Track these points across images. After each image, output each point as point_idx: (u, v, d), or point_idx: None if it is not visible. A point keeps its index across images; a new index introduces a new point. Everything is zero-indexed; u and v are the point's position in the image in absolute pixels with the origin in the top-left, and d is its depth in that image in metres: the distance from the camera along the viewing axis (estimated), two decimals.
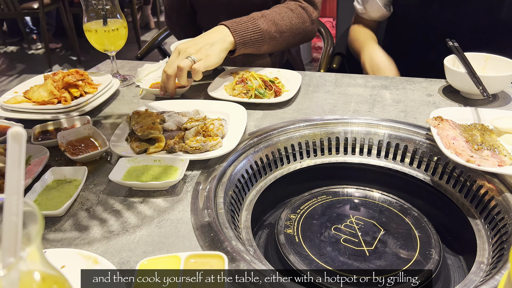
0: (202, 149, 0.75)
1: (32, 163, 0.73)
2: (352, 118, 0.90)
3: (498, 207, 0.68)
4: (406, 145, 0.84)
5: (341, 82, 1.11)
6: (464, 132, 0.78)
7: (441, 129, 0.77)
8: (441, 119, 0.80)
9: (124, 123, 0.87)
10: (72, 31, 3.88)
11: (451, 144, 0.73)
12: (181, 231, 0.60)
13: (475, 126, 0.81)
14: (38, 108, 0.93)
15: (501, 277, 0.52)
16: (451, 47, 1.03)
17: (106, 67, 1.27)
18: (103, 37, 1.06)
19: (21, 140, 0.30)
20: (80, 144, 0.80)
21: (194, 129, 0.80)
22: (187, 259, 0.51)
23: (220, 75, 1.12)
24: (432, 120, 0.81)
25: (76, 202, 0.67)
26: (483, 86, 0.88)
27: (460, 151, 0.71)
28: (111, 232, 0.60)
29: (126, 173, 0.71)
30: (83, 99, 0.96)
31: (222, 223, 0.62)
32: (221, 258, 0.50)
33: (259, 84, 1.00)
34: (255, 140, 0.82)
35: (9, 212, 0.29)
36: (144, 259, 0.50)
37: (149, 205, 0.66)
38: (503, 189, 0.69)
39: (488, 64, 1.03)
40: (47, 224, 0.62)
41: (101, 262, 0.51)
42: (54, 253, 0.53)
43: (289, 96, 0.98)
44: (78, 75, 1.00)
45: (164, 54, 1.65)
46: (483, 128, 0.80)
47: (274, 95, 1.00)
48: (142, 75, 1.13)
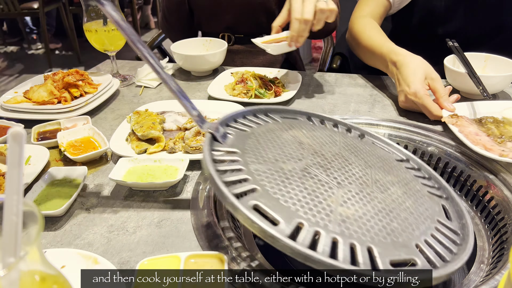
0: (202, 149, 0.75)
1: (32, 163, 0.73)
2: (352, 118, 0.90)
3: (498, 207, 0.68)
4: (406, 145, 0.84)
5: (341, 82, 1.11)
6: (481, 127, 0.77)
7: (462, 126, 0.76)
8: (457, 116, 0.80)
9: (124, 123, 0.87)
10: (72, 31, 3.88)
11: (478, 141, 0.72)
12: (181, 231, 0.60)
13: (487, 119, 0.80)
14: (38, 108, 0.93)
15: (501, 277, 0.52)
16: (451, 47, 1.03)
17: (106, 67, 1.27)
18: (103, 37, 1.06)
19: (21, 140, 0.30)
20: (80, 144, 0.80)
21: (194, 129, 0.80)
22: (187, 259, 0.51)
23: (220, 75, 1.12)
24: (449, 118, 0.80)
25: (76, 202, 0.67)
26: (483, 86, 0.88)
27: (490, 146, 0.70)
28: (111, 232, 0.60)
29: (126, 173, 0.71)
30: (83, 99, 0.96)
31: (222, 223, 0.62)
32: (221, 258, 0.50)
33: (259, 84, 1.00)
34: None
35: (9, 212, 0.29)
36: (144, 259, 0.51)
37: (149, 205, 0.66)
38: (503, 189, 0.69)
39: (488, 64, 1.03)
40: (47, 224, 0.62)
41: (101, 262, 0.51)
42: (54, 253, 0.53)
43: (289, 96, 0.98)
44: (78, 75, 1.00)
45: (164, 54, 1.65)
46: (496, 120, 0.79)
47: (274, 95, 1.00)
48: (142, 75, 1.13)
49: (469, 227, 0.56)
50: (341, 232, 0.47)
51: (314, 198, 0.50)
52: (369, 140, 0.72)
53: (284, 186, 0.50)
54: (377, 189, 0.56)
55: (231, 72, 1.12)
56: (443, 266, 0.48)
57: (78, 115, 0.92)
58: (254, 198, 0.47)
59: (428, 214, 0.56)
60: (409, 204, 0.56)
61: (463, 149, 0.77)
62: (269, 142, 0.59)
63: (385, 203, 0.54)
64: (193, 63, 1.15)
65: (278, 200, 0.48)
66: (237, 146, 0.56)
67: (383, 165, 0.64)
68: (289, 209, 0.47)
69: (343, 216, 0.49)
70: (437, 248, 0.50)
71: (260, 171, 0.52)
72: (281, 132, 0.62)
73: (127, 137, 0.82)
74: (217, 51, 1.13)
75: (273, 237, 0.43)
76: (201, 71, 1.18)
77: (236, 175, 0.50)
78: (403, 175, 0.64)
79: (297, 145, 0.59)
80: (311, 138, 0.63)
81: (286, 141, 0.60)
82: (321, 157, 0.58)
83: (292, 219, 0.46)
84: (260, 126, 0.63)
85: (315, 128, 0.68)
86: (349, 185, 0.55)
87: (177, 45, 1.21)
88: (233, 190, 0.47)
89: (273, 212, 0.46)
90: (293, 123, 0.67)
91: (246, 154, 0.55)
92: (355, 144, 0.67)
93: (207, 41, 1.25)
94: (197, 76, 1.19)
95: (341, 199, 0.51)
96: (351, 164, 0.59)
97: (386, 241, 0.48)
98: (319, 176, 0.54)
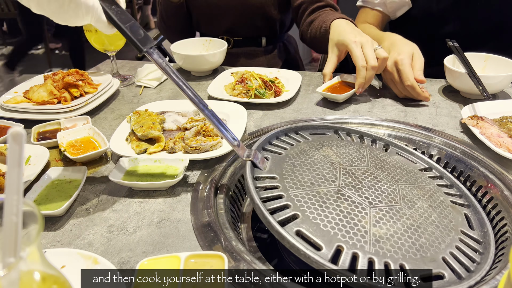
0: (202, 149, 0.75)
1: (32, 163, 0.73)
2: (352, 118, 0.90)
3: (498, 207, 0.68)
4: (405, 145, 0.84)
5: None
6: (501, 127, 0.77)
7: (484, 128, 0.76)
8: (477, 117, 0.79)
9: (124, 123, 0.87)
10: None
11: (502, 143, 0.72)
12: (181, 231, 0.60)
13: (507, 119, 0.80)
14: (38, 108, 0.93)
15: (501, 277, 0.52)
16: (451, 47, 1.03)
17: (106, 67, 1.27)
18: (103, 37, 1.06)
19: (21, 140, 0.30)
20: (80, 144, 0.80)
21: (194, 129, 0.80)
22: (187, 259, 0.50)
23: (220, 75, 1.12)
24: (469, 119, 0.80)
25: (76, 202, 0.67)
26: (483, 86, 0.88)
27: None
28: (111, 232, 0.60)
29: (126, 173, 0.71)
30: (83, 99, 0.96)
31: (222, 223, 0.62)
32: (221, 258, 0.50)
33: (259, 84, 1.00)
34: (255, 140, 0.82)
35: (9, 212, 0.29)
36: (144, 259, 0.50)
37: (149, 205, 0.66)
38: (503, 189, 0.69)
39: (488, 64, 1.03)
40: (47, 224, 0.62)
41: (101, 262, 0.51)
42: (54, 253, 0.53)
43: (289, 96, 0.98)
44: (78, 75, 1.00)
45: (164, 54, 1.64)
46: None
47: (274, 95, 1.00)
48: (142, 75, 1.13)
49: (490, 235, 0.61)
50: (376, 252, 0.52)
51: (350, 221, 0.56)
52: (394, 151, 0.77)
53: (322, 210, 0.56)
54: (405, 205, 0.62)
55: (231, 72, 1.12)
56: (468, 277, 0.52)
57: (78, 115, 0.92)
58: (296, 224, 0.53)
59: (452, 226, 0.61)
60: (435, 217, 0.62)
61: (463, 149, 0.78)
62: (304, 165, 0.65)
63: (413, 219, 0.60)
64: (193, 63, 1.15)
65: (319, 225, 0.54)
66: (275, 171, 0.63)
67: (408, 178, 0.69)
68: (329, 233, 0.53)
69: (377, 236, 0.55)
70: (462, 259, 0.55)
71: (299, 196, 0.58)
72: (313, 152, 0.69)
73: (127, 137, 0.82)
74: (217, 51, 1.13)
75: (317, 263, 0.48)
76: (201, 71, 1.18)
77: (278, 202, 0.56)
78: (427, 186, 0.69)
79: (329, 165, 0.66)
80: (341, 156, 0.70)
81: (319, 162, 0.67)
82: (352, 176, 0.65)
83: (333, 243, 0.52)
84: (293, 147, 0.70)
85: (342, 143, 0.74)
86: (379, 204, 0.61)
87: (177, 45, 1.21)
88: (278, 218, 0.54)
89: (315, 237, 0.52)
90: (322, 140, 0.74)
91: (285, 179, 0.62)
92: (381, 157, 0.73)
93: (207, 41, 1.25)
94: (197, 76, 1.19)
95: (373, 219, 0.57)
96: (380, 182, 0.66)
97: (416, 257, 0.53)
98: (352, 198, 0.60)
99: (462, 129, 0.85)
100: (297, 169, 0.65)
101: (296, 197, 0.58)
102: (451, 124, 0.87)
